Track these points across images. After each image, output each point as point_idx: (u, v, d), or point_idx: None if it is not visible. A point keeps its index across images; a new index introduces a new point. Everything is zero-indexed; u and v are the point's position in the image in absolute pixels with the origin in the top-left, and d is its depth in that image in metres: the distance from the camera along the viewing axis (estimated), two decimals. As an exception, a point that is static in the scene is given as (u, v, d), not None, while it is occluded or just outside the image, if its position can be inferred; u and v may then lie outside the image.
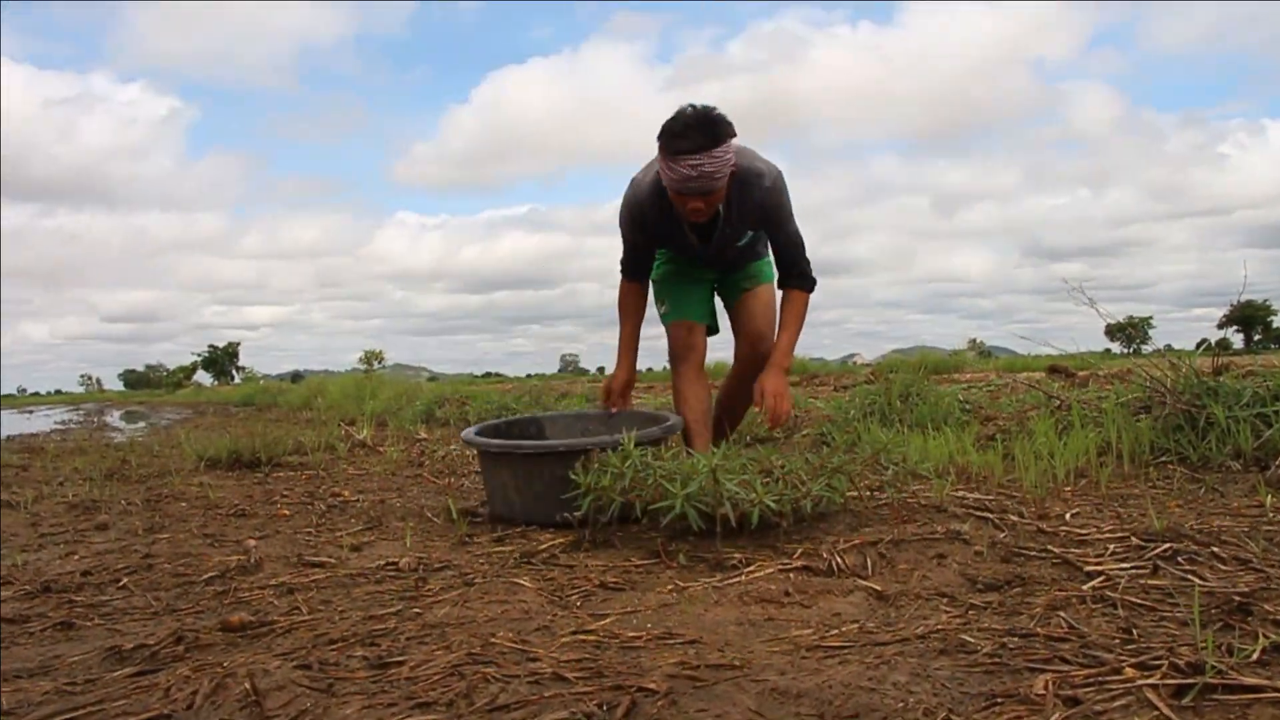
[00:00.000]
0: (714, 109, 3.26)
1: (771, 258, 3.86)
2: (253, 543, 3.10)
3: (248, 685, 1.73)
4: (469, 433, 3.67)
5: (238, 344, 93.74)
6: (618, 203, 3.72)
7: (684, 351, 3.95)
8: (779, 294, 3.81)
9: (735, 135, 3.31)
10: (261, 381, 34.73)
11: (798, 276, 3.70)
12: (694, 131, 3.18)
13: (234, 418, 14.53)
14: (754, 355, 3.92)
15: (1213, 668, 1.56)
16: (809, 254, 3.74)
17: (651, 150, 3.39)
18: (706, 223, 3.55)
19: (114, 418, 19.44)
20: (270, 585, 2.57)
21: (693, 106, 3.27)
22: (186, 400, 32.20)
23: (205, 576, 2.71)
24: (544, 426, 4.08)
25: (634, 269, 3.82)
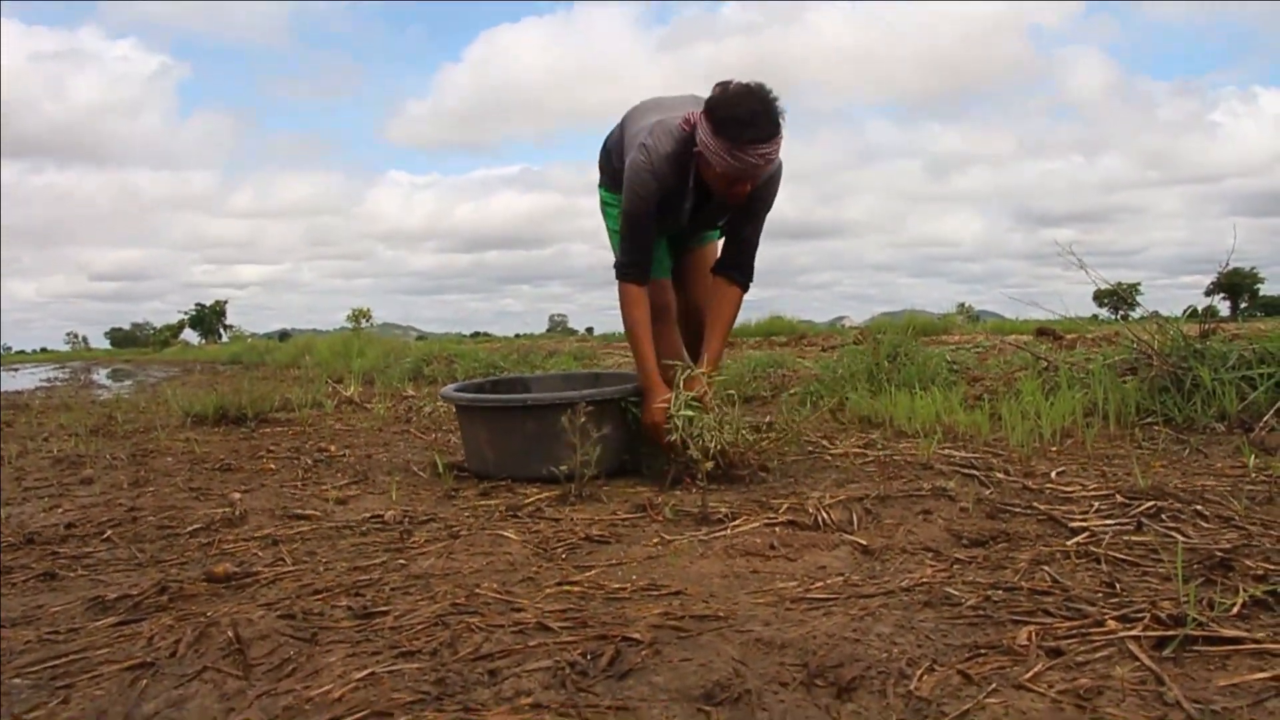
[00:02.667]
0: (767, 89, 3.06)
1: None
2: (238, 496, 3.09)
3: (231, 634, 1.73)
4: (448, 389, 3.61)
5: (225, 302, 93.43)
6: None
7: (660, 311, 3.69)
8: (710, 271, 3.58)
9: None
10: (249, 340, 34.58)
11: (740, 270, 3.48)
12: (763, 120, 3.01)
13: (221, 375, 14.48)
14: (690, 316, 3.75)
15: (1194, 620, 1.57)
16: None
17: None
18: (697, 200, 3.37)
19: (100, 376, 19.36)
20: (255, 537, 2.57)
21: (747, 88, 3.05)
22: (173, 358, 32.12)
23: (190, 529, 2.70)
24: (530, 386, 4.03)
25: (641, 263, 3.36)
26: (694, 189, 3.30)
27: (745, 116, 3.00)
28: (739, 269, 3.47)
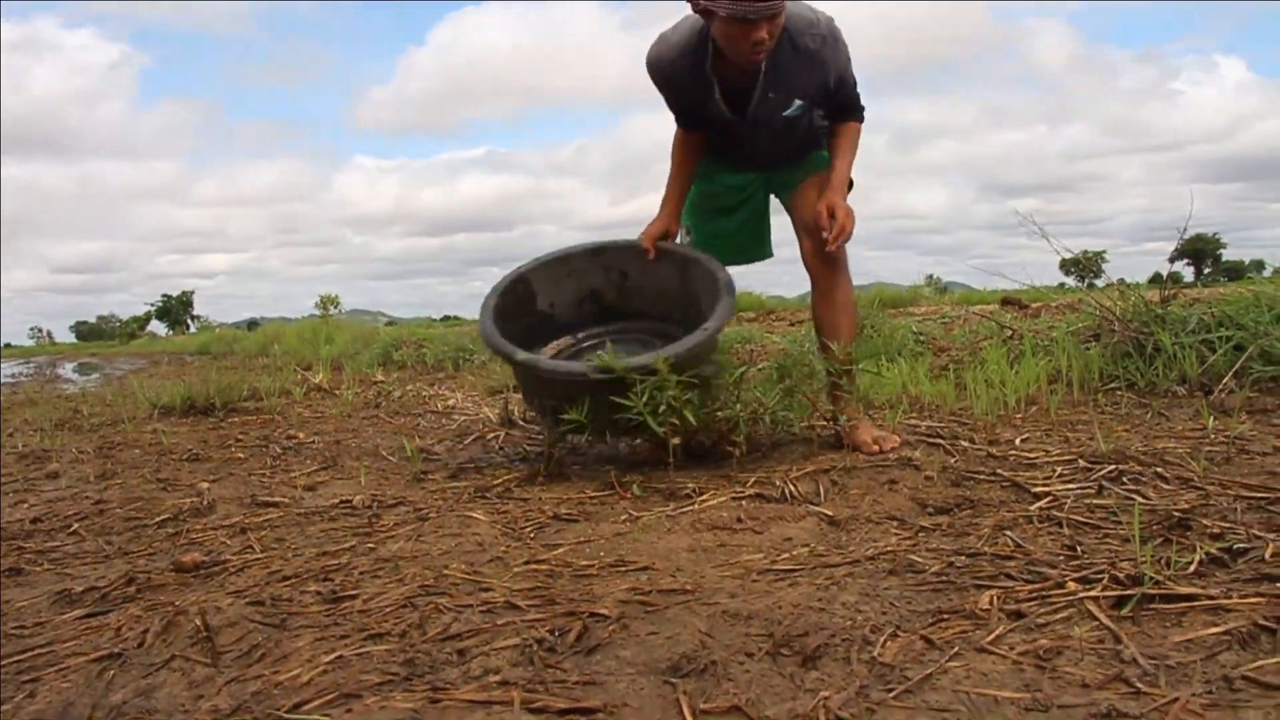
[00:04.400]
0: None
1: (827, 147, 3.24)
2: (206, 485, 3.08)
3: (199, 622, 1.73)
4: (494, 337, 3.13)
5: (192, 293, 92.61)
6: (577, 143, 3.55)
7: None
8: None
9: None
10: (217, 330, 34.37)
11: (849, 110, 3.15)
12: None
13: (189, 366, 14.39)
14: (818, 246, 3.16)
15: (1151, 579, 1.59)
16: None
17: (601, 93, 3.24)
18: (740, 91, 2.98)
19: (66, 370, 19.18)
20: (223, 526, 2.56)
21: None
22: (140, 350, 31.84)
23: (157, 520, 2.69)
24: (532, 284, 3.50)
25: (689, 121, 3.18)
26: (715, 74, 2.95)
27: None
28: (848, 111, 3.15)
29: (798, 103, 3.00)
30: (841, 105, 3.12)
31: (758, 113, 3.01)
